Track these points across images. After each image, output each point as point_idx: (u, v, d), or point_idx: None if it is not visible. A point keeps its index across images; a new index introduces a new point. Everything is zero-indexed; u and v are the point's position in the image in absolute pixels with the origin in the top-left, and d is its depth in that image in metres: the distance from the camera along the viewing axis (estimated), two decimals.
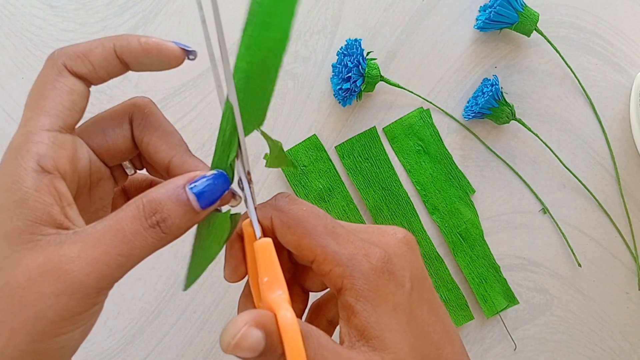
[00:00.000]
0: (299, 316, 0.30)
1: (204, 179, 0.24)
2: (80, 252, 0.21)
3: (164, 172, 0.28)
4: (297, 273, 0.30)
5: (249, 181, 0.26)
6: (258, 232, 0.26)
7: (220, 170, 0.25)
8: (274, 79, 0.24)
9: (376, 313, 0.24)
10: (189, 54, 0.26)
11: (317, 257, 0.25)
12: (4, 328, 0.21)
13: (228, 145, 0.25)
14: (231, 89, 0.24)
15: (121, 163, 0.29)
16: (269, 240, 0.25)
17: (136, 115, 0.27)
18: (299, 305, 0.30)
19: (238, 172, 0.26)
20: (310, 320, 0.30)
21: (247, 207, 0.26)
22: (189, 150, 0.27)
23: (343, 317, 0.25)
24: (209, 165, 0.27)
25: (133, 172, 0.30)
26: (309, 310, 0.31)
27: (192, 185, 0.24)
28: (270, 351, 0.22)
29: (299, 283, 0.30)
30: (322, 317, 0.29)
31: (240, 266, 0.27)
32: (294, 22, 0.23)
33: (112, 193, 0.29)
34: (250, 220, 0.26)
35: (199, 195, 0.24)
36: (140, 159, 0.29)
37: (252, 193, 0.26)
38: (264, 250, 0.25)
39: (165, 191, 0.23)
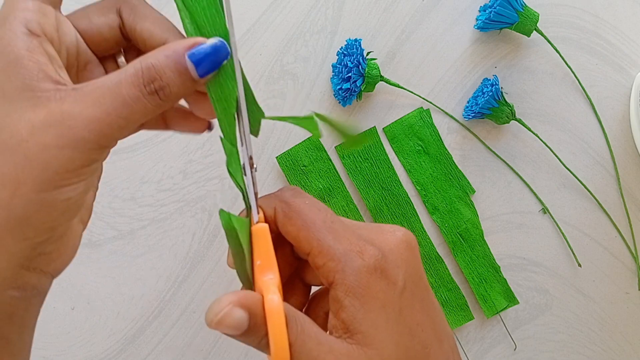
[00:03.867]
0: (300, 309, 0.31)
1: (203, 47, 0.24)
2: (82, 110, 0.22)
3: None
4: (300, 268, 0.31)
5: (251, 166, 0.27)
6: (255, 217, 0.27)
7: (221, 39, 0.25)
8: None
9: (364, 309, 0.25)
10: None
11: (313, 250, 0.26)
12: (10, 179, 0.21)
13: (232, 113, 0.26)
14: (240, 88, 0.25)
15: (115, 58, 0.29)
16: (265, 225, 0.26)
17: (124, 7, 0.27)
18: (299, 298, 0.30)
19: (242, 157, 0.27)
20: (308, 310, 0.31)
21: (247, 192, 0.27)
22: (183, 34, 0.27)
23: (332, 310, 0.26)
24: None
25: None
26: (309, 301, 0.31)
27: (191, 53, 0.24)
28: (254, 331, 0.24)
29: (301, 277, 0.31)
30: (320, 309, 0.30)
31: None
32: None
33: None
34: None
35: (197, 64, 0.24)
36: (134, 55, 0.29)
37: (253, 178, 0.27)
38: (259, 235, 0.26)
39: (164, 58, 0.23)
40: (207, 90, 0.26)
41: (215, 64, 0.24)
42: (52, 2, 0.24)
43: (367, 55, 0.48)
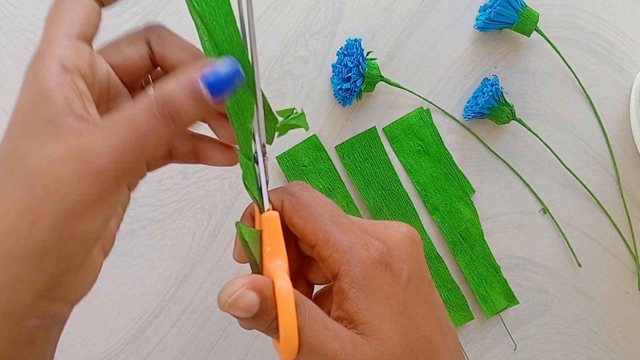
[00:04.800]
0: None
1: (217, 70, 0.24)
2: (98, 142, 0.22)
3: None
4: (303, 266, 0.31)
5: (264, 154, 0.28)
6: (267, 204, 0.27)
7: (232, 58, 0.25)
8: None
9: (368, 300, 0.25)
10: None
11: (319, 242, 0.26)
12: (29, 211, 0.22)
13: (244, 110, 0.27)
14: (258, 85, 0.26)
15: (143, 86, 0.30)
16: (275, 213, 0.27)
17: (153, 37, 0.28)
18: None
19: (254, 146, 0.27)
20: None
21: (259, 179, 0.27)
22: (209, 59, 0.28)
23: (336, 301, 0.26)
24: None
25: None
26: (312, 300, 0.31)
27: (204, 76, 0.24)
28: (265, 314, 0.24)
29: (305, 276, 0.31)
30: (323, 308, 0.30)
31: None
32: None
33: None
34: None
35: (211, 87, 0.24)
36: None
37: (265, 167, 0.28)
38: (269, 222, 0.27)
39: (177, 84, 0.23)
40: (224, 106, 0.26)
41: (230, 87, 0.24)
42: (87, 39, 0.25)
43: (367, 55, 0.48)
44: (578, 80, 0.50)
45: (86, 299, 0.48)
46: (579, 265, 0.50)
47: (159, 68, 0.29)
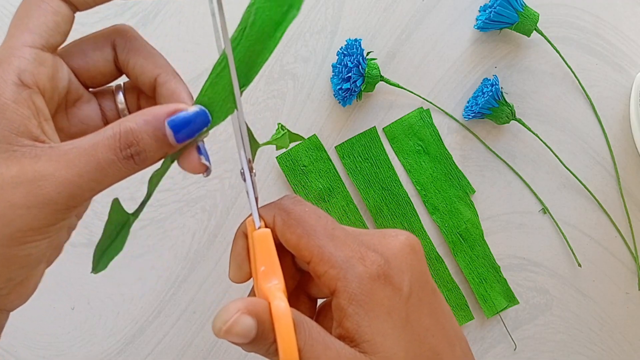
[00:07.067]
0: None
1: (184, 114, 0.24)
2: (54, 170, 0.22)
3: (151, 93, 0.27)
4: (303, 281, 0.30)
5: (250, 170, 0.27)
6: (257, 222, 0.26)
7: (202, 107, 0.25)
8: (272, 47, 0.25)
9: (368, 317, 0.24)
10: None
11: (314, 258, 0.25)
12: None
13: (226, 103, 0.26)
14: (237, 93, 0.25)
15: (114, 94, 0.29)
16: (267, 230, 0.26)
17: (119, 41, 0.27)
18: (305, 312, 0.29)
19: (240, 161, 0.26)
20: (316, 321, 0.30)
21: (248, 196, 0.27)
22: (175, 71, 0.27)
23: (336, 319, 0.25)
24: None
25: (124, 107, 0.29)
26: (316, 314, 0.30)
27: (171, 119, 0.23)
28: (262, 338, 0.23)
29: (305, 290, 0.30)
30: (328, 322, 0.29)
31: (244, 264, 0.27)
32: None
33: (97, 120, 0.28)
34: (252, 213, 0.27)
35: (176, 130, 0.23)
36: (134, 94, 0.29)
37: (253, 182, 0.27)
38: (261, 240, 0.26)
39: (143, 123, 0.23)
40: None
41: (195, 131, 0.24)
42: (52, 48, 0.24)
43: (367, 55, 0.48)
44: (578, 80, 0.50)
45: (86, 299, 0.48)
46: (579, 265, 0.50)
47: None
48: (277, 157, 0.49)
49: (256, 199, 0.27)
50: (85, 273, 0.48)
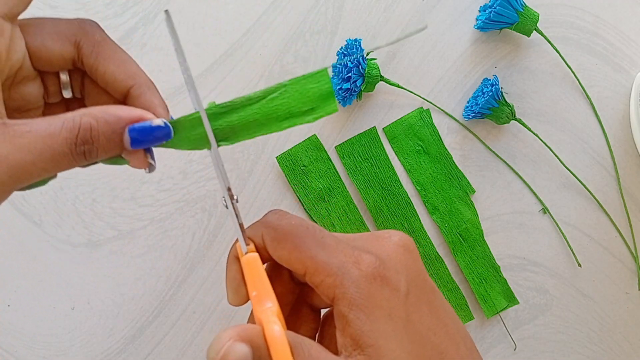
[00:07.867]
0: (312, 335, 0.29)
1: (147, 124, 0.24)
2: (8, 153, 0.22)
3: (122, 101, 0.27)
4: (304, 293, 0.30)
5: (231, 197, 0.26)
6: (244, 248, 0.26)
7: (167, 123, 0.25)
8: (272, 130, 0.26)
9: (370, 321, 0.24)
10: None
11: (308, 269, 0.25)
12: None
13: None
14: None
15: (61, 79, 0.28)
16: (254, 255, 0.26)
17: (85, 42, 0.26)
18: (310, 324, 0.29)
19: (221, 190, 0.26)
20: (321, 334, 0.30)
21: (232, 223, 0.26)
22: (149, 81, 0.27)
23: (338, 327, 0.25)
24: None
25: (70, 95, 0.29)
26: (321, 325, 0.30)
27: (132, 127, 0.23)
28: None
29: (307, 302, 0.30)
30: (334, 331, 0.29)
31: (240, 287, 0.27)
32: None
33: (39, 97, 0.28)
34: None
35: (134, 139, 0.23)
36: (81, 80, 0.28)
37: (235, 210, 0.26)
38: (250, 265, 0.26)
39: (104, 123, 0.23)
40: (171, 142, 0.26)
41: (153, 143, 0.24)
42: (10, 18, 0.23)
43: (367, 55, 0.48)
44: (578, 80, 0.50)
45: (86, 299, 0.48)
46: (579, 265, 0.50)
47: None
48: (277, 157, 0.49)
49: (241, 225, 0.26)
50: (85, 273, 0.48)
